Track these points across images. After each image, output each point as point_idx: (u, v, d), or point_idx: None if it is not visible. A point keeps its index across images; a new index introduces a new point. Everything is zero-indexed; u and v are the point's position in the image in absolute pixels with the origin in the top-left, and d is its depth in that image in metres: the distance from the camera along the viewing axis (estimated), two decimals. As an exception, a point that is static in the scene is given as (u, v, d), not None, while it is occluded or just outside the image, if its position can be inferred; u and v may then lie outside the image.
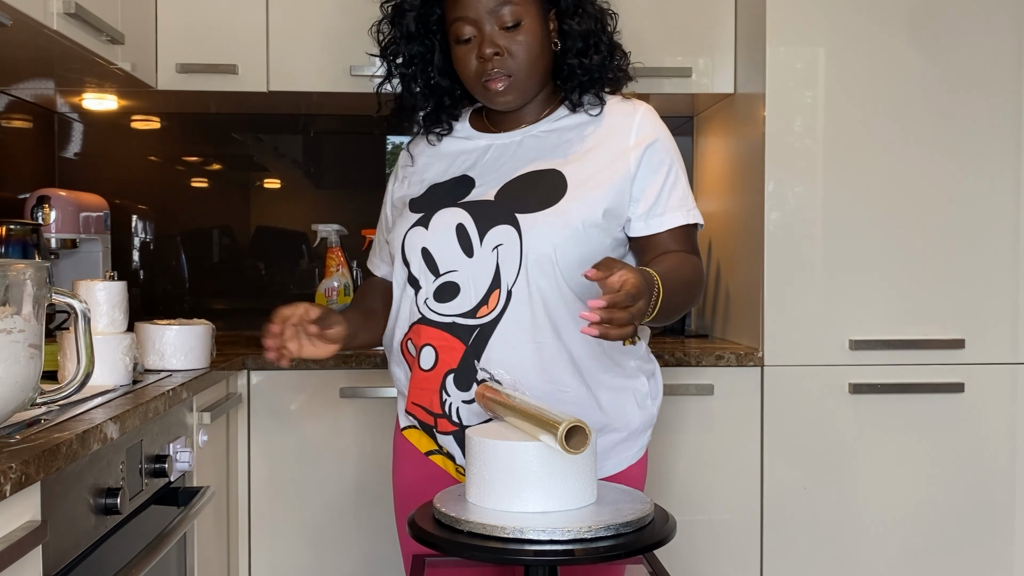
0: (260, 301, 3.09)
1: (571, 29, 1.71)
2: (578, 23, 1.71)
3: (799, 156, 2.46)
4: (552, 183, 1.67)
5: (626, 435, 1.74)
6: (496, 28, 1.66)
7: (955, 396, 2.47)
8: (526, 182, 1.68)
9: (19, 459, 1.16)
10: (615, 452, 1.74)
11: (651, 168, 1.69)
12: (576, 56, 1.72)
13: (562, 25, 1.72)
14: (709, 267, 2.94)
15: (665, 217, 1.70)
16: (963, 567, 2.48)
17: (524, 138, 1.75)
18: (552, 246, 1.63)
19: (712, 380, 2.45)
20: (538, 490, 1.36)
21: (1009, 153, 2.47)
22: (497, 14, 1.66)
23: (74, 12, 1.94)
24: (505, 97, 1.69)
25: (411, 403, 1.75)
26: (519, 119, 1.77)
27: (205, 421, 2.05)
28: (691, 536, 2.42)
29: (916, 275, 2.47)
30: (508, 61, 1.66)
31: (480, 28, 1.67)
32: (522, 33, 1.67)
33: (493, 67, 1.66)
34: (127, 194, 3.04)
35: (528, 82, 1.70)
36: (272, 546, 2.43)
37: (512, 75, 1.67)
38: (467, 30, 1.68)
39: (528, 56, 1.67)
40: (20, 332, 1.26)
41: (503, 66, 1.66)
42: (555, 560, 1.31)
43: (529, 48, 1.67)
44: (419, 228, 1.70)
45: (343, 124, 3.10)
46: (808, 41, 2.45)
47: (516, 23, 1.66)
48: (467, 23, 1.67)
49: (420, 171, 1.81)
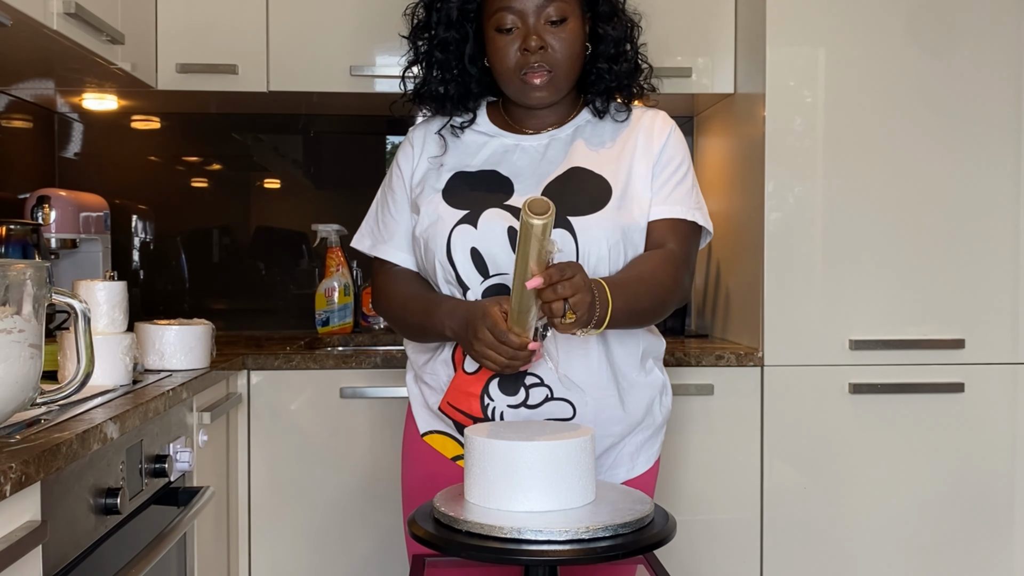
0: (260, 301, 3.10)
1: (605, 34, 1.72)
2: (612, 29, 1.72)
3: (799, 156, 2.46)
4: (595, 185, 1.68)
5: (651, 432, 1.79)
6: (541, 22, 1.66)
7: (955, 396, 2.47)
8: (567, 184, 1.68)
9: (19, 459, 1.16)
10: (643, 450, 1.78)
11: (663, 163, 1.72)
12: (607, 61, 1.73)
13: (596, 29, 1.73)
14: (709, 267, 2.94)
15: (664, 207, 1.71)
16: (963, 567, 2.48)
17: (551, 141, 1.75)
18: (608, 248, 1.65)
19: (712, 380, 2.45)
20: (538, 489, 1.36)
21: (1009, 153, 2.47)
22: (544, 9, 1.66)
23: (74, 12, 1.94)
24: (541, 92, 1.69)
25: (446, 403, 1.72)
26: (543, 121, 1.77)
27: (205, 421, 2.05)
28: (691, 536, 2.42)
29: (916, 275, 2.47)
30: (550, 56, 1.66)
31: (525, 20, 1.66)
32: (566, 30, 1.67)
33: (536, 60, 1.66)
34: (127, 194, 3.04)
35: (564, 81, 1.70)
36: (272, 546, 2.43)
37: (552, 71, 1.67)
38: (510, 19, 1.67)
39: (570, 54, 1.68)
40: (20, 332, 1.26)
41: (546, 60, 1.66)
42: (554, 560, 1.31)
43: (571, 46, 1.68)
44: (466, 226, 1.67)
45: (343, 124, 3.10)
46: (808, 41, 2.45)
47: (562, 19, 1.67)
48: (512, 13, 1.66)
49: (436, 156, 1.78)
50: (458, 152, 1.77)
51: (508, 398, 1.67)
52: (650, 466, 1.79)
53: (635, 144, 1.73)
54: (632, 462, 1.77)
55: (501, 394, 1.67)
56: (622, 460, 1.77)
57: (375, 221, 1.85)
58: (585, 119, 1.77)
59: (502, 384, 1.67)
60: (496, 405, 1.67)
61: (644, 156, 1.72)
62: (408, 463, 1.84)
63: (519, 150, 1.75)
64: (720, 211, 2.85)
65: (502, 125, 1.78)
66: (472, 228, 1.67)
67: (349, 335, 2.90)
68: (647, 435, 1.78)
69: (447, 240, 1.68)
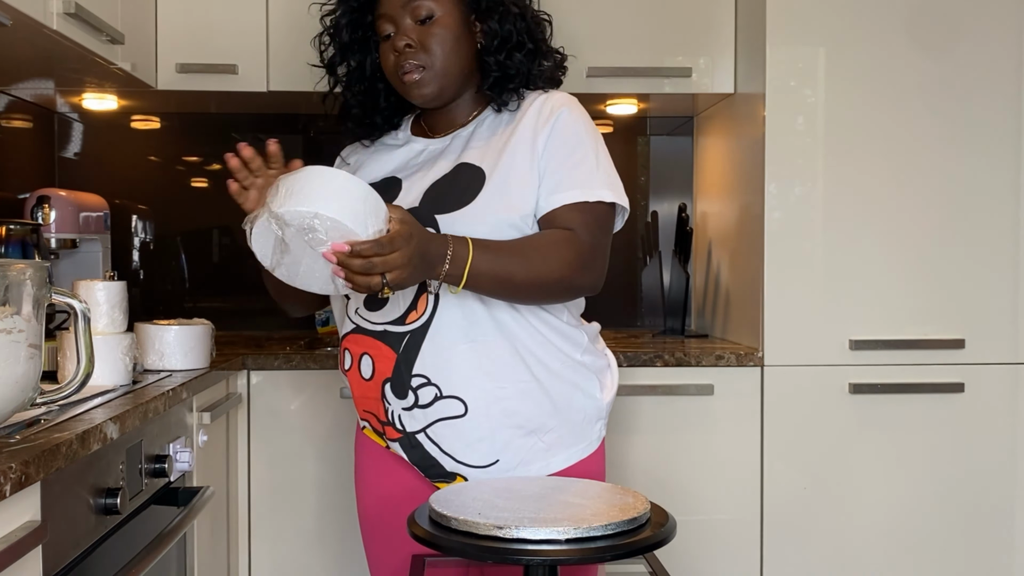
0: (260, 301, 3.09)
1: (490, 29, 1.74)
2: (498, 23, 1.74)
3: (799, 156, 2.46)
4: (469, 179, 1.67)
5: (575, 426, 1.72)
6: (410, 22, 1.70)
7: (955, 396, 2.47)
8: (447, 182, 1.69)
9: (19, 459, 1.16)
10: (565, 444, 1.71)
11: (554, 146, 1.67)
12: (494, 54, 1.74)
13: (484, 25, 1.75)
14: (709, 267, 2.94)
15: (561, 194, 1.65)
16: (963, 567, 2.48)
17: (453, 140, 1.77)
18: None
19: (712, 380, 2.45)
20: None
21: (1009, 153, 2.47)
22: (410, 8, 1.70)
23: (74, 12, 1.94)
24: (421, 90, 1.71)
25: (362, 411, 1.77)
26: (451, 122, 1.79)
27: (205, 421, 2.05)
28: (691, 536, 2.42)
29: (916, 275, 2.47)
30: (421, 54, 1.70)
31: (397, 23, 1.71)
32: (436, 27, 1.70)
33: (406, 59, 1.70)
34: (127, 194, 3.04)
35: (445, 77, 1.72)
36: (272, 546, 2.43)
37: (427, 68, 1.70)
38: (387, 27, 1.73)
39: (442, 49, 1.70)
40: (20, 332, 1.26)
41: (416, 58, 1.70)
42: (554, 560, 1.31)
43: (443, 41, 1.70)
44: None
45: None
46: (808, 41, 2.45)
47: (429, 16, 1.70)
48: (386, 20, 1.72)
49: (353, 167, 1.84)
50: (371, 165, 1.81)
51: (401, 401, 1.68)
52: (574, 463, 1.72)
53: (520, 131, 1.69)
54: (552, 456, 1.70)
55: (395, 398, 1.68)
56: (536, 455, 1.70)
57: None
58: (488, 115, 1.78)
59: (393, 388, 1.68)
60: (393, 408, 1.69)
61: (527, 142, 1.67)
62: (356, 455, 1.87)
63: (425, 154, 1.78)
64: (720, 211, 2.85)
65: (418, 132, 1.83)
66: None
67: (349, 335, 2.89)
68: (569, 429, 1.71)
69: None
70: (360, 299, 1.71)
